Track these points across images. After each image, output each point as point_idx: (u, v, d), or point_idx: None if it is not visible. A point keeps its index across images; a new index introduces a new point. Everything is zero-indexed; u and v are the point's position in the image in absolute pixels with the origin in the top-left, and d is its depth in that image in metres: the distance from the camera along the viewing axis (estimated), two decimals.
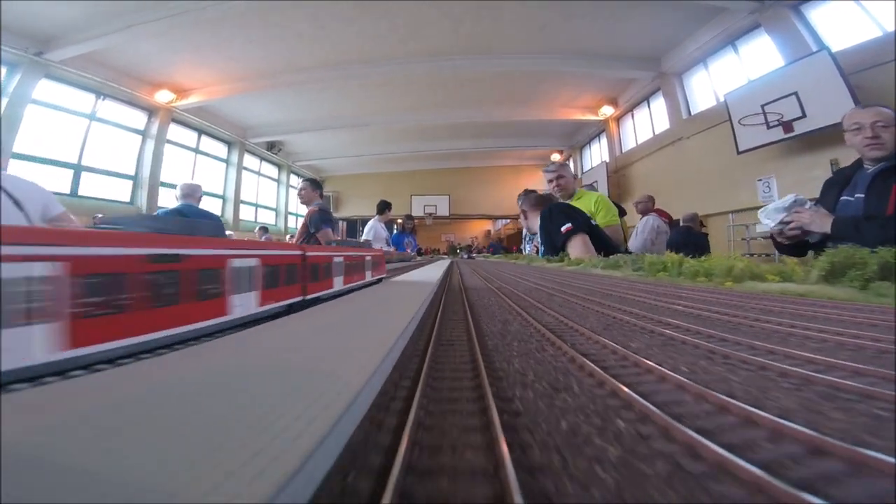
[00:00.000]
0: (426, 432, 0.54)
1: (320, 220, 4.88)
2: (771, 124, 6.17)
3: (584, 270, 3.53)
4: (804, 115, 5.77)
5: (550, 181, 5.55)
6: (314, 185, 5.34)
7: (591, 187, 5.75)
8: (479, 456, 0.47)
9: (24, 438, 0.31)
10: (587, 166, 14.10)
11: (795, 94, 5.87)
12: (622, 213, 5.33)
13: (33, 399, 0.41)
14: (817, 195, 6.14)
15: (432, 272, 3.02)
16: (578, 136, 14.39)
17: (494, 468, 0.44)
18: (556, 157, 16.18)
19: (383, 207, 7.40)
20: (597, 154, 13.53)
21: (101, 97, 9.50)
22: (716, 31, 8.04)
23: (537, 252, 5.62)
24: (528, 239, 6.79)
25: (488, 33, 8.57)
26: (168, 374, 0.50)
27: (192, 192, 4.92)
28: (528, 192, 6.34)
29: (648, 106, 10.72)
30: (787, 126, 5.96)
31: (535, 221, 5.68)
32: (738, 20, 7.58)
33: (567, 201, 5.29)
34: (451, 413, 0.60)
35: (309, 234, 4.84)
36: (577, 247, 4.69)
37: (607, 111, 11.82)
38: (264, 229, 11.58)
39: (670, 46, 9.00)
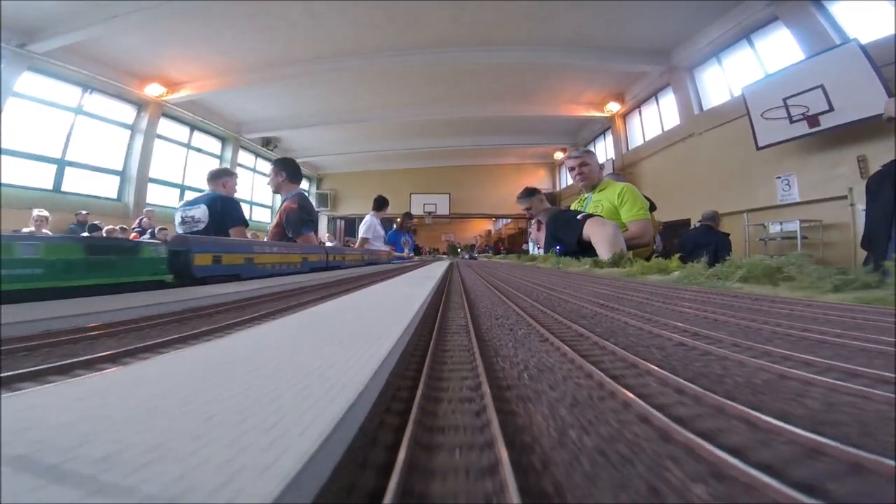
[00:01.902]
0: None
1: (300, 220, 3.92)
2: (795, 118, 5.80)
3: (711, 286, 1.77)
4: (831, 109, 5.40)
5: (572, 168, 4.75)
6: (287, 168, 4.19)
7: (617, 176, 4.89)
8: None
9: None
10: None
11: (821, 86, 5.50)
12: (652, 207, 4.58)
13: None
14: (843, 193, 5.86)
15: (401, 300, 1.24)
16: (583, 134, 14.02)
17: None
18: (559, 154, 15.83)
19: (381, 203, 6.89)
20: (602, 152, 13.13)
21: (89, 91, 9.14)
22: (730, 25, 7.66)
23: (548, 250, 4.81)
24: (531, 239, 6.17)
25: (490, 24, 8.19)
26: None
27: None
28: (529, 191, 5.80)
29: (657, 102, 10.34)
30: (813, 120, 5.58)
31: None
32: (753, 13, 7.21)
33: (590, 193, 4.57)
34: None
35: (286, 237, 3.92)
36: (597, 227, 3.84)
37: (613, 107, 11.45)
38: None
39: (681, 40, 8.62)
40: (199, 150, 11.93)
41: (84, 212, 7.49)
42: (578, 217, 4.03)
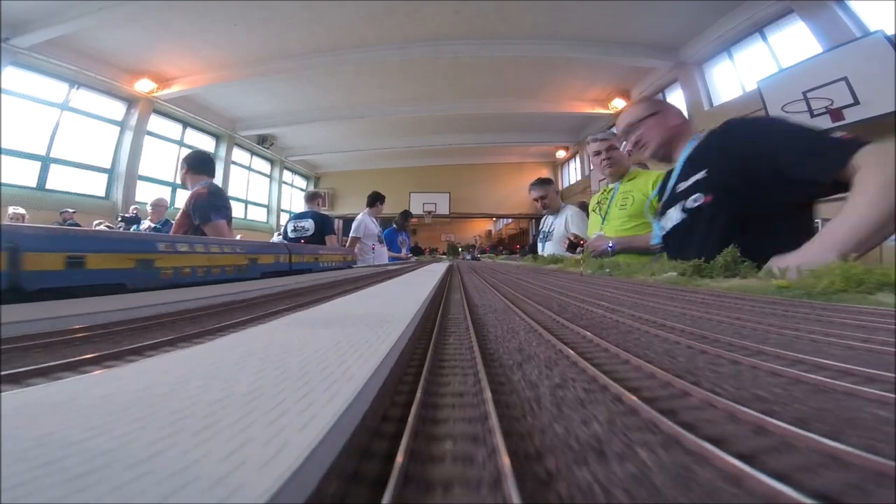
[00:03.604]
0: None
1: (209, 206, 3.42)
2: (816, 112, 5.48)
3: None
4: (857, 102, 5.09)
5: (597, 153, 3.95)
6: (188, 160, 3.86)
7: (644, 166, 4.04)
8: None
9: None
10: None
11: (845, 79, 5.19)
12: None
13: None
14: None
15: None
16: (586, 132, 13.68)
17: None
18: (561, 153, 15.53)
19: (374, 200, 6.47)
20: None
21: (76, 86, 8.83)
22: (741, 18, 7.37)
23: (572, 249, 3.88)
24: (542, 237, 5.36)
25: (492, 17, 7.89)
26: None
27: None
28: (544, 179, 5.37)
29: (664, 98, 10.03)
30: (837, 114, 5.27)
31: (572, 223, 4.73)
32: (766, 6, 6.93)
33: (617, 182, 3.84)
34: None
35: (193, 226, 3.39)
36: (884, 163, 2.18)
37: (619, 104, 11.12)
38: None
39: (691, 34, 8.33)
40: (191, 148, 11.60)
41: (70, 210, 7.21)
42: (838, 136, 1.89)
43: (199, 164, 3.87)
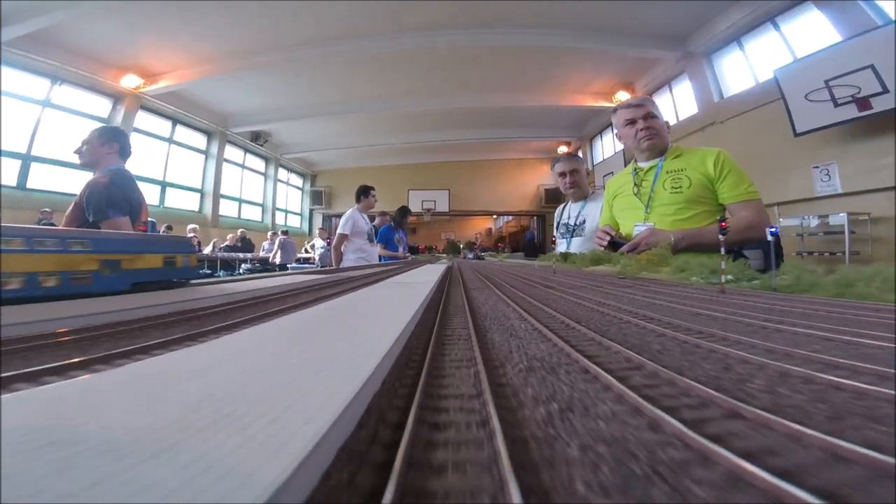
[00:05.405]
0: None
1: (107, 199, 2.69)
2: (841, 101, 5.16)
3: None
4: (885, 91, 4.77)
5: (631, 122, 3.05)
6: (122, 138, 3.04)
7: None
8: None
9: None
10: (598, 158, 13.11)
11: (871, 67, 4.87)
12: None
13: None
14: (891, 183, 5.24)
15: None
16: (588, 127, 13.38)
17: None
18: (563, 149, 15.18)
19: (360, 194, 5.89)
20: (609, 146, 12.51)
21: (58, 82, 8.47)
22: (752, 7, 7.04)
23: (613, 247, 2.92)
24: (563, 232, 4.36)
25: (491, 4, 7.52)
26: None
27: None
28: (572, 155, 4.82)
29: (671, 90, 9.71)
30: (864, 103, 4.95)
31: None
32: None
33: (657, 159, 2.98)
34: None
35: (87, 222, 2.66)
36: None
37: (623, 97, 10.78)
38: (285, 233, 11.01)
39: (699, 24, 7.99)
40: (181, 145, 11.26)
41: (47, 209, 6.96)
42: None
43: (127, 148, 3.08)
